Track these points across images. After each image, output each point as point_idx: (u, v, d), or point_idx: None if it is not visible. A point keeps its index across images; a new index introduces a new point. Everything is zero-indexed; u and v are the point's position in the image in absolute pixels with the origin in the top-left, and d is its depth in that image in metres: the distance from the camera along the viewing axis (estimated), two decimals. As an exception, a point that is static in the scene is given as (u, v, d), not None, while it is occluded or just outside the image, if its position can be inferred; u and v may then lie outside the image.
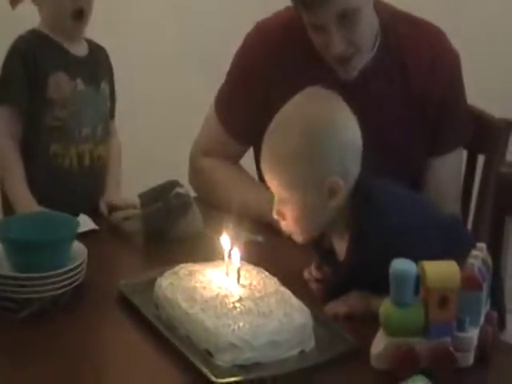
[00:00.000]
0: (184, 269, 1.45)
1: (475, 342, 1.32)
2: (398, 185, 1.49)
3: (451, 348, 1.29)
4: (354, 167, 1.43)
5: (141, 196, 1.82)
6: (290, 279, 1.47)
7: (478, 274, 1.32)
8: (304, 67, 1.79)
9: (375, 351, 1.30)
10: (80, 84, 1.80)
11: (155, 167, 2.47)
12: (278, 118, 1.45)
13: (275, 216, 1.48)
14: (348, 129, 1.43)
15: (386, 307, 1.29)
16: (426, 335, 1.29)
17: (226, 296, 1.35)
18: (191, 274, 1.43)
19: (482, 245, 1.38)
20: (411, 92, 1.79)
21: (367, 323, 1.40)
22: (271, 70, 1.82)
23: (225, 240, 1.48)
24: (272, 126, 1.45)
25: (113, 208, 1.83)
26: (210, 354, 1.29)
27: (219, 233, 1.62)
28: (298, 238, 1.47)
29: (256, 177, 1.93)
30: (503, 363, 1.36)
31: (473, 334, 1.32)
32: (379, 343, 1.30)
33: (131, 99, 2.25)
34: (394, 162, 1.76)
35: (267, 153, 1.44)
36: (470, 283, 1.29)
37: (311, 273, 1.52)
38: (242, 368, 1.27)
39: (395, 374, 1.28)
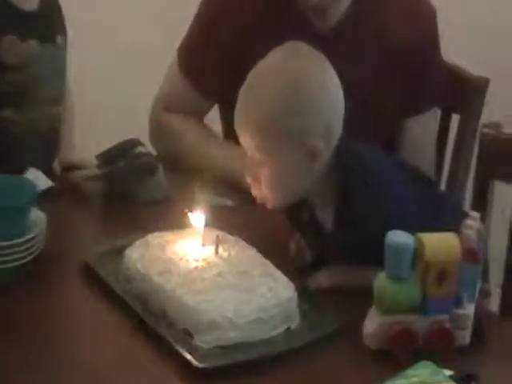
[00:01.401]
0: (156, 238, 1.32)
1: (472, 318, 1.24)
2: (380, 150, 1.40)
3: (449, 326, 1.21)
4: (337, 131, 1.32)
5: (99, 157, 1.66)
6: (267, 248, 1.36)
7: (476, 246, 1.23)
8: (278, 16, 1.67)
9: (368, 330, 1.20)
10: (35, 45, 1.63)
11: (111, 126, 2.31)
12: (256, 73, 1.32)
13: (248, 180, 1.36)
14: (332, 90, 1.32)
15: (380, 282, 1.19)
16: (422, 312, 1.20)
17: (204, 269, 1.23)
18: (164, 244, 1.30)
19: (475, 214, 1.29)
20: (388, 47, 1.69)
21: (353, 298, 1.31)
22: (241, 17, 1.68)
23: (197, 206, 1.36)
24: (249, 81, 1.32)
25: (69, 168, 1.69)
26: (189, 333, 1.18)
27: (187, 197, 1.51)
28: (272, 204, 1.35)
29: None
30: (500, 338, 1.29)
31: (470, 310, 1.23)
32: (372, 321, 1.20)
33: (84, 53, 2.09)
34: (369, 121, 1.68)
35: (243, 112, 1.32)
36: (469, 256, 1.20)
37: (299, 243, 1.41)
38: (224, 349, 1.16)
39: (391, 354, 1.19)
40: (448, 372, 1.06)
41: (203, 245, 1.29)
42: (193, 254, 1.27)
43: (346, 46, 1.66)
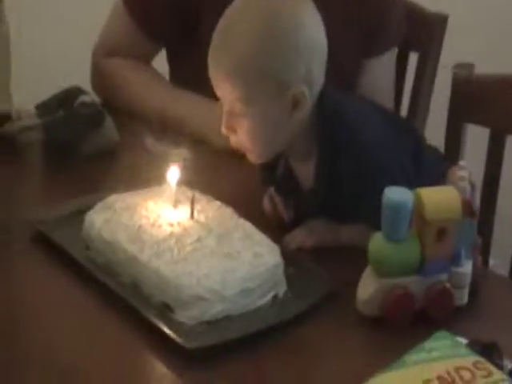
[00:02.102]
0: (119, 201, 1.18)
1: (470, 276, 1.15)
2: (363, 98, 1.29)
3: (448, 285, 1.12)
4: (320, 75, 1.20)
5: (38, 107, 1.50)
6: (239, 205, 1.25)
7: (472, 199, 1.14)
8: None
9: (363, 296, 1.10)
10: None
11: (51, 75, 2.11)
12: (231, 14, 1.18)
13: (224, 131, 1.23)
14: (316, 29, 1.19)
15: (377, 244, 1.08)
16: (421, 273, 1.10)
17: (181, 235, 1.10)
18: (130, 207, 1.16)
19: (464, 163, 1.20)
20: None
21: (340, 258, 1.21)
22: None
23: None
24: (223, 24, 1.18)
25: (3, 119, 1.52)
26: (168, 308, 1.06)
27: (136, 149, 1.41)
28: (255, 158, 1.24)
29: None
30: (494, 294, 1.21)
31: (468, 267, 1.14)
32: (368, 286, 1.10)
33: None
34: (330, 64, 1.57)
35: (218, 58, 1.18)
36: (467, 210, 1.11)
37: (275, 200, 1.29)
38: (210, 325, 1.05)
39: (389, 320, 1.10)
40: (463, 340, 0.97)
41: (175, 206, 1.16)
42: (165, 218, 1.13)
43: None
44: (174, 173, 1.20)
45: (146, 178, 1.31)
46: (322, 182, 1.22)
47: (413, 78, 1.79)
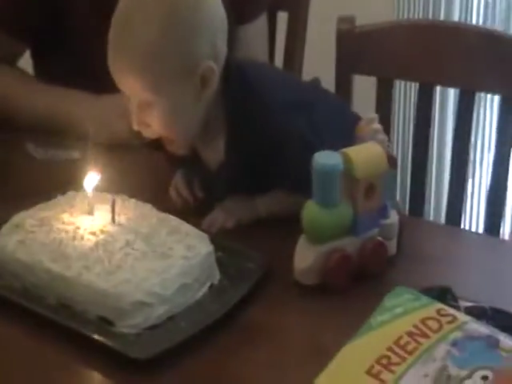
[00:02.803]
0: (28, 218, 1.09)
1: (397, 226, 1.15)
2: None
3: (381, 239, 1.12)
4: (223, 46, 1.16)
5: None
6: (151, 198, 1.18)
7: (390, 151, 1.14)
8: None
9: (302, 265, 1.08)
10: None
11: None
12: (126, 2, 1.12)
13: (137, 126, 1.16)
14: (216, 4, 1.15)
15: (311, 211, 1.06)
16: (354, 232, 1.09)
17: (107, 243, 1.03)
18: (43, 222, 1.08)
19: (375, 115, 1.19)
20: None
21: (262, 232, 1.18)
22: None
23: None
24: (119, 14, 1.12)
25: None
26: (106, 321, 1.00)
27: (17, 160, 1.36)
28: (175, 147, 1.18)
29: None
30: (418, 239, 1.22)
31: (395, 218, 1.14)
32: (305, 255, 1.07)
33: None
34: None
35: (121, 53, 1.11)
36: (390, 163, 1.10)
37: (181, 190, 1.24)
38: (154, 329, 0.99)
39: (331, 285, 1.08)
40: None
41: (91, 213, 1.09)
42: (85, 228, 1.06)
43: None
44: (90, 178, 1.13)
45: (39, 190, 1.24)
46: (234, 155, 1.18)
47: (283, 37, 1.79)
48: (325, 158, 1.04)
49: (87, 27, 1.51)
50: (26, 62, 1.64)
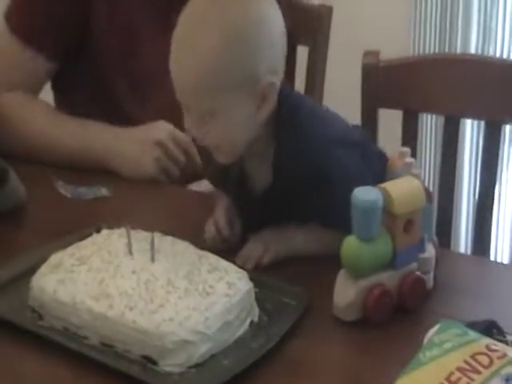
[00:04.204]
0: (67, 257, 1.09)
1: (434, 259, 1.15)
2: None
3: (419, 273, 1.11)
4: (282, 67, 1.19)
5: None
6: (184, 235, 1.18)
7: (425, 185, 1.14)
8: None
9: (343, 301, 1.07)
10: None
11: None
12: (189, 20, 1.14)
13: (196, 134, 1.18)
14: (278, 21, 1.17)
15: (351, 246, 1.05)
16: (393, 267, 1.09)
17: (148, 281, 1.03)
18: (81, 261, 1.07)
19: (407, 149, 1.20)
20: None
21: (300, 267, 1.18)
22: None
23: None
24: (184, 25, 1.14)
25: None
26: (150, 360, 0.99)
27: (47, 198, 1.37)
28: (225, 156, 1.20)
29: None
30: (452, 271, 1.21)
31: (431, 251, 1.14)
32: (346, 290, 1.07)
33: None
34: None
35: (185, 60, 1.13)
36: (427, 197, 1.11)
37: (220, 227, 1.23)
38: (199, 367, 0.99)
39: (371, 320, 1.07)
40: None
41: (130, 251, 1.09)
42: (126, 266, 1.05)
43: None
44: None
45: (72, 228, 1.24)
46: (281, 180, 1.19)
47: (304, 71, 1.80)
48: (365, 194, 1.04)
49: (109, 50, 1.54)
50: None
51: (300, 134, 1.17)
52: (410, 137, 1.52)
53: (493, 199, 1.53)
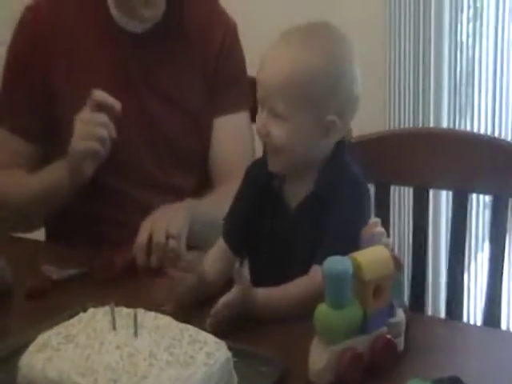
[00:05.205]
0: (54, 336, 1.14)
1: (405, 323, 1.21)
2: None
3: (389, 336, 1.17)
4: (349, 115, 1.36)
5: None
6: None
7: (396, 254, 1.21)
8: (83, 31, 1.70)
9: (317, 366, 1.13)
10: None
11: None
12: (295, 32, 1.34)
13: (260, 128, 1.34)
14: (357, 78, 1.35)
15: (323, 313, 1.12)
16: (364, 331, 1.15)
17: (132, 355, 1.08)
18: (68, 339, 1.12)
19: (377, 219, 1.27)
20: (192, 50, 1.74)
21: (275, 331, 1.24)
22: (46, 48, 1.69)
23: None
24: (287, 39, 1.33)
25: None
26: (134, 431, 1.04)
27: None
28: (278, 162, 1.35)
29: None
30: (423, 333, 1.27)
31: (402, 316, 1.21)
32: (319, 355, 1.13)
33: None
34: (177, 117, 1.73)
35: (280, 63, 1.31)
36: (396, 265, 1.17)
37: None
38: None
39: (345, 383, 1.13)
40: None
41: (114, 327, 1.14)
42: (110, 342, 1.11)
43: (157, 47, 1.71)
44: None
45: (60, 308, 1.30)
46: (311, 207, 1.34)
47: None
48: (335, 264, 1.11)
49: (66, 104, 1.68)
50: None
51: (342, 168, 1.35)
52: (382, 208, 1.60)
53: (463, 262, 1.59)
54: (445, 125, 2.44)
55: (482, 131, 2.42)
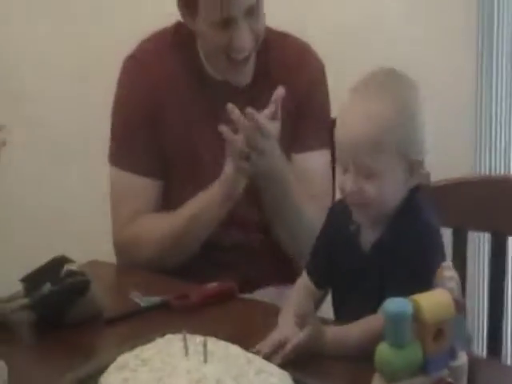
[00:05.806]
0: (132, 358, 1.24)
1: (467, 367, 1.24)
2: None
3: (450, 380, 1.21)
4: (424, 151, 1.39)
5: (24, 280, 1.56)
6: (239, 340, 1.32)
7: (459, 298, 1.24)
8: (190, 87, 1.80)
9: (378, 403, 1.18)
10: None
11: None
12: (366, 88, 1.38)
13: (351, 187, 1.37)
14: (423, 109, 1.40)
15: (383, 352, 1.16)
16: (424, 372, 1.19)
17: (200, 381, 1.16)
18: (145, 362, 1.21)
19: (448, 263, 1.30)
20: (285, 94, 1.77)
21: (337, 367, 1.29)
22: (157, 102, 1.79)
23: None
24: (359, 96, 1.37)
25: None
26: None
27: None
28: (367, 215, 1.39)
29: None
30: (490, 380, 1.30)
31: (464, 359, 1.23)
32: (379, 392, 1.18)
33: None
34: None
35: (359, 122, 1.34)
36: (457, 309, 1.21)
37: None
38: None
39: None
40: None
41: (186, 353, 1.22)
42: (181, 367, 1.19)
43: (258, 95, 1.78)
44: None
45: (142, 333, 1.36)
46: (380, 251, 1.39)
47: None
48: (395, 305, 1.15)
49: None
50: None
51: (414, 214, 1.38)
52: (458, 253, 1.63)
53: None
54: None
55: None
